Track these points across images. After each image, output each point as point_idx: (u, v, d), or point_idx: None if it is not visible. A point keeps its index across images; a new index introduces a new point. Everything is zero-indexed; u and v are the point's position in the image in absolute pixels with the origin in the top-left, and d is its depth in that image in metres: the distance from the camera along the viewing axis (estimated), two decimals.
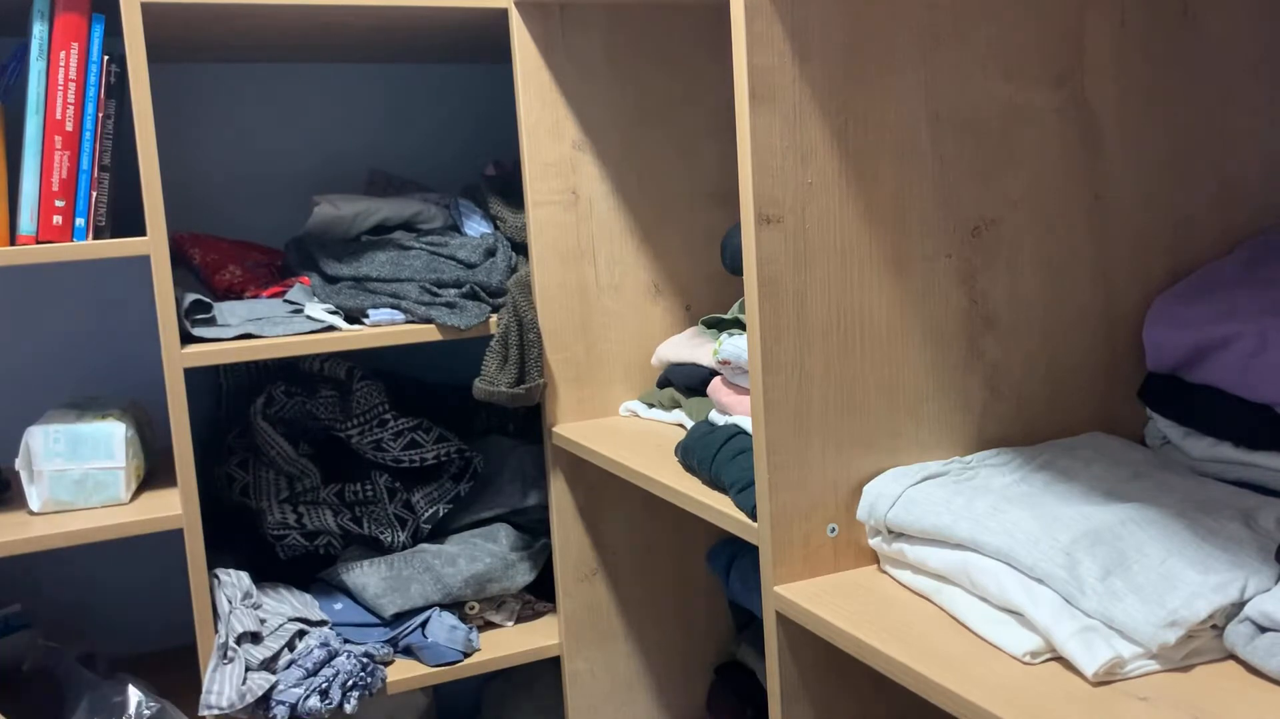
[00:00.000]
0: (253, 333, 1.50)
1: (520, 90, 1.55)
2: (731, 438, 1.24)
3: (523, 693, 1.90)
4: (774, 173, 1.01)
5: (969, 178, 1.10)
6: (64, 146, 1.41)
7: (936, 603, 0.98)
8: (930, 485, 1.03)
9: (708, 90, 1.66)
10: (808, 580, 1.06)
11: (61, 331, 1.80)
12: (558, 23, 1.56)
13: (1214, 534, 0.91)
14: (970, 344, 1.12)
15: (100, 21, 1.42)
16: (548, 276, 1.59)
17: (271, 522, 1.62)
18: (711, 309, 1.68)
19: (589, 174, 1.60)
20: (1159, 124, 1.18)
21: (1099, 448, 1.11)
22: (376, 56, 1.90)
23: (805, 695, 1.08)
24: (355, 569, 1.64)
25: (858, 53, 1.04)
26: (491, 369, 1.55)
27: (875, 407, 1.08)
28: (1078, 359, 1.17)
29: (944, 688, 0.84)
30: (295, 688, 1.46)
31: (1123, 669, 0.82)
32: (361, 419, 1.65)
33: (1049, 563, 0.88)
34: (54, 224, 1.41)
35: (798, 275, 1.03)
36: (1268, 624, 0.81)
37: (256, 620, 1.51)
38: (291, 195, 1.91)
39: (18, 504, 1.52)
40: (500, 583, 1.68)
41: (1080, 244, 1.16)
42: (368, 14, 1.51)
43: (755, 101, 1.00)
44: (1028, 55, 1.11)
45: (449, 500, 1.70)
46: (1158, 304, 1.15)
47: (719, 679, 1.73)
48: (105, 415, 1.51)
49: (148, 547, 1.85)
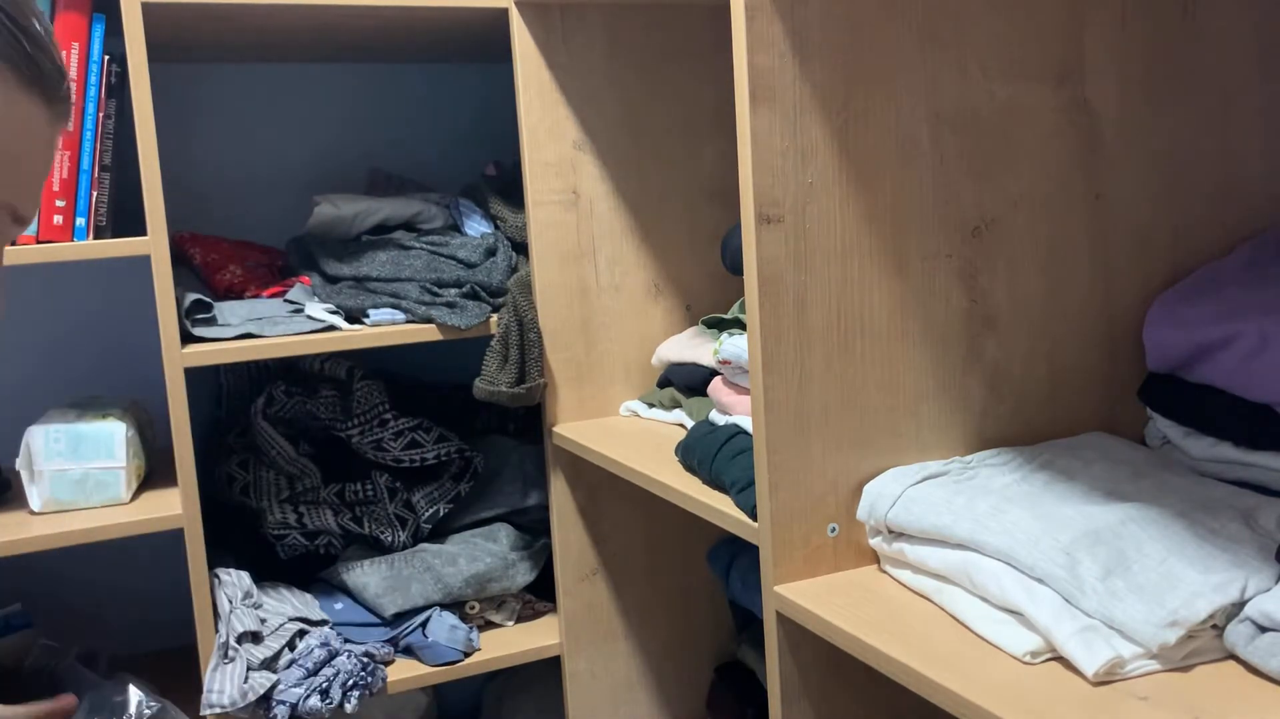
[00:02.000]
0: (253, 332, 1.50)
1: (520, 90, 1.55)
2: (732, 438, 1.24)
3: (523, 693, 1.90)
4: (774, 172, 1.01)
5: (969, 177, 1.10)
6: (65, 146, 1.41)
7: (937, 603, 0.98)
8: (930, 485, 1.03)
9: (708, 90, 1.66)
10: (808, 580, 1.06)
11: (62, 331, 1.80)
12: (558, 22, 1.56)
13: (1214, 534, 0.91)
14: (970, 344, 1.12)
15: (101, 21, 1.42)
16: (548, 276, 1.59)
17: (272, 521, 1.62)
18: (712, 309, 1.68)
19: (589, 174, 1.60)
20: (1159, 124, 1.18)
21: (1099, 448, 1.11)
22: (376, 56, 1.90)
23: (805, 695, 1.08)
24: (356, 569, 1.64)
25: (858, 52, 1.04)
26: (492, 369, 1.55)
27: (875, 406, 1.08)
28: (1078, 359, 1.17)
29: (944, 688, 0.84)
30: (296, 687, 1.46)
31: (1123, 669, 0.82)
32: (362, 419, 1.65)
33: (1049, 563, 0.88)
34: (55, 224, 1.41)
35: (798, 275, 1.03)
36: (1268, 624, 0.81)
37: (257, 620, 1.51)
38: (291, 195, 1.91)
39: (18, 504, 1.52)
40: (500, 583, 1.68)
41: (1080, 244, 1.16)
42: (368, 14, 1.51)
43: (755, 101, 1.00)
44: (1028, 55, 1.11)
45: (449, 500, 1.70)
46: (1158, 304, 1.15)
47: (719, 679, 1.73)
48: (106, 415, 1.51)
49: (148, 546, 1.85)
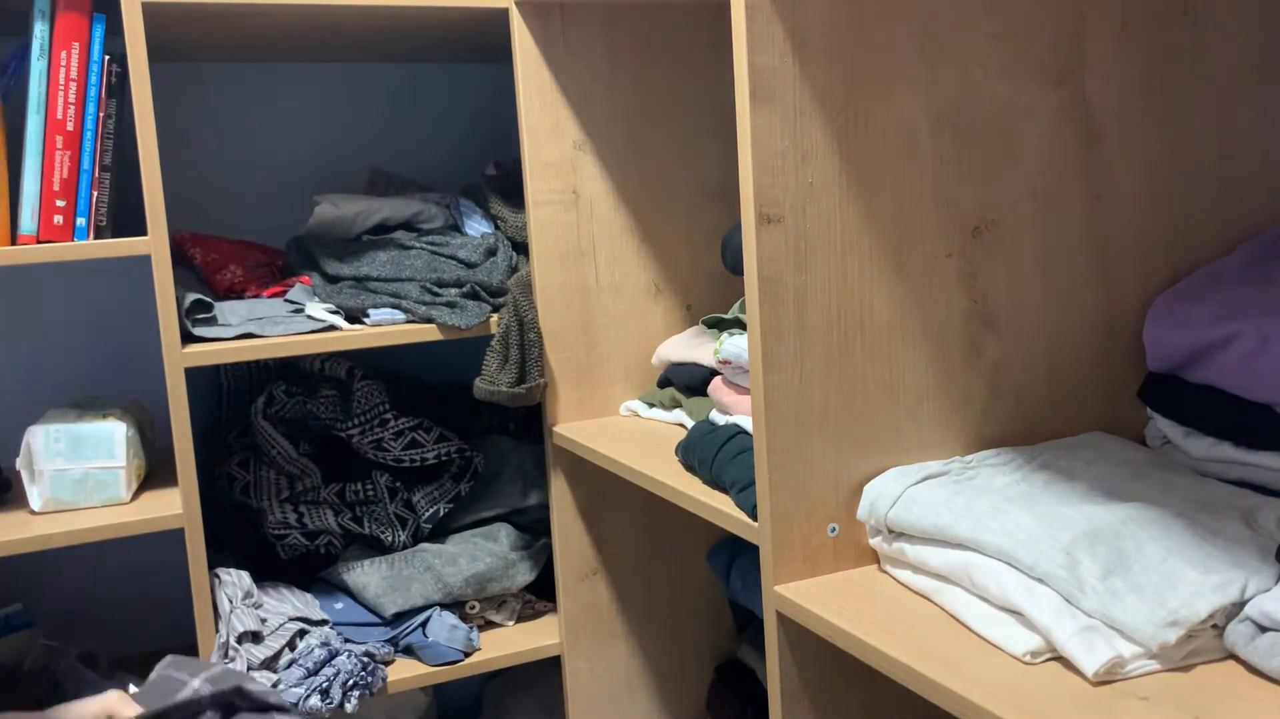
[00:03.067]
0: (254, 332, 1.50)
1: (521, 90, 1.55)
2: (732, 437, 1.24)
3: (523, 692, 1.90)
4: (774, 172, 1.01)
5: (969, 177, 1.10)
6: (65, 146, 1.41)
7: (937, 602, 0.98)
8: (930, 485, 1.03)
9: (708, 89, 1.66)
10: (808, 580, 1.06)
11: (62, 331, 1.80)
12: (558, 22, 1.56)
13: (1214, 534, 0.91)
14: (970, 343, 1.12)
15: (101, 21, 1.42)
16: (548, 276, 1.59)
17: (272, 521, 1.62)
18: (712, 309, 1.68)
19: (589, 174, 1.60)
20: (1159, 124, 1.18)
21: (1099, 447, 1.11)
22: (376, 56, 1.90)
23: (806, 695, 1.08)
24: (356, 569, 1.64)
25: (858, 52, 1.04)
26: (492, 369, 1.55)
27: (876, 406, 1.08)
28: (1078, 358, 1.17)
29: (944, 688, 0.84)
30: (296, 687, 1.46)
31: (1123, 669, 0.82)
32: (362, 419, 1.65)
33: (1049, 562, 0.88)
34: (55, 224, 1.41)
35: (798, 275, 1.03)
36: (1268, 624, 0.81)
37: (257, 620, 1.51)
38: (291, 195, 1.91)
39: (19, 504, 1.52)
40: (501, 582, 1.68)
41: (1080, 244, 1.16)
42: (368, 14, 1.51)
43: (756, 101, 1.00)
44: (1028, 55, 1.11)
45: (449, 500, 1.70)
46: (1158, 304, 1.15)
47: (719, 679, 1.73)
48: (106, 415, 1.51)
49: (148, 546, 1.85)
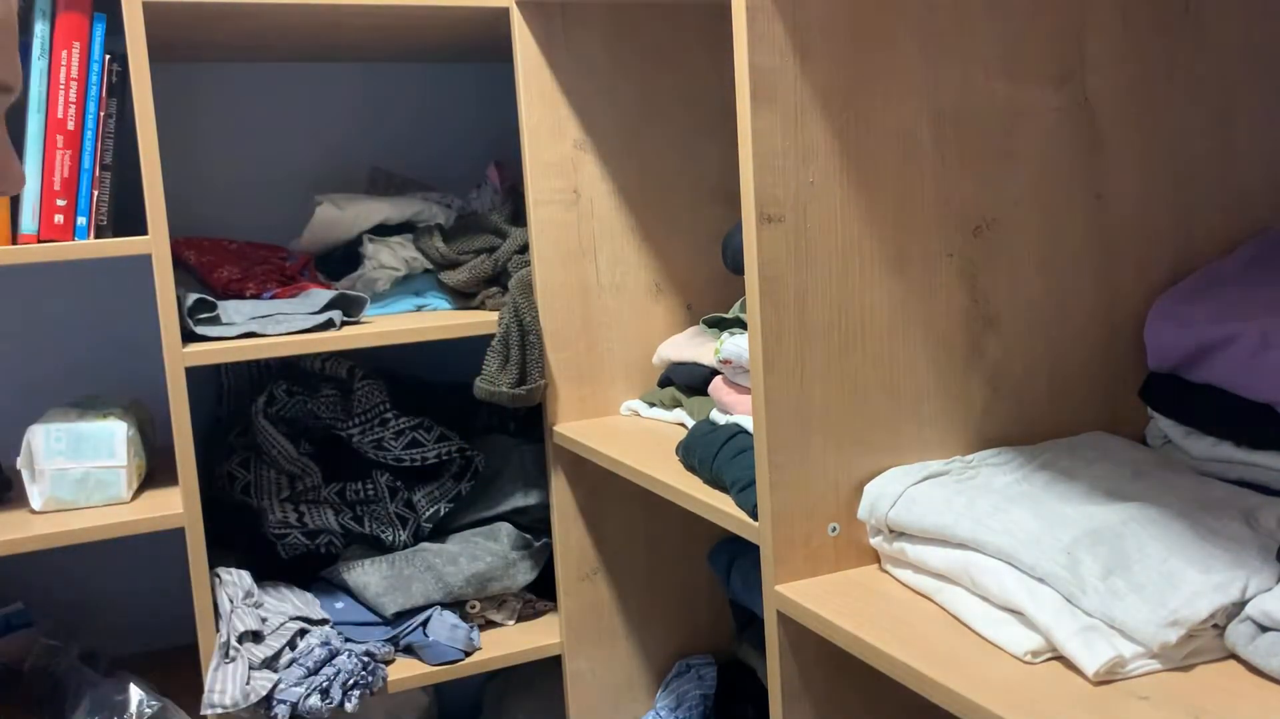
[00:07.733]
0: (255, 331, 1.50)
1: (521, 90, 1.55)
2: (733, 437, 1.24)
3: (523, 692, 1.90)
4: (775, 172, 1.01)
5: (970, 177, 1.10)
6: (65, 145, 1.41)
7: (937, 602, 0.98)
8: (931, 485, 1.03)
9: (709, 89, 1.66)
10: (809, 580, 1.06)
11: (63, 330, 1.80)
12: (559, 22, 1.56)
13: (1215, 534, 0.90)
14: (971, 343, 1.12)
15: (102, 21, 1.42)
16: (549, 276, 1.59)
17: (273, 520, 1.62)
18: (713, 308, 1.68)
19: (590, 173, 1.60)
20: (1160, 123, 1.18)
21: (1100, 447, 1.11)
22: (376, 56, 1.90)
23: (806, 695, 1.08)
24: (356, 568, 1.64)
25: (859, 52, 1.04)
26: (492, 369, 1.55)
27: (876, 405, 1.08)
28: (1079, 358, 1.17)
29: (945, 687, 0.84)
30: (296, 687, 1.46)
31: (1124, 669, 0.82)
32: (363, 418, 1.65)
33: (1050, 562, 0.88)
34: (55, 223, 1.41)
35: (799, 275, 1.03)
36: (1269, 624, 0.81)
37: (258, 619, 1.51)
38: (292, 195, 1.91)
39: (19, 503, 1.52)
40: (501, 582, 1.68)
41: (1081, 243, 1.16)
42: (368, 14, 1.51)
43: (756, 101, 1.00)
44: (1029, 54, 1.11)
45: (450, 499, 1.70)
46: (1159, 303, 1.15)
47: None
48: (106, 414, 1.51)
49: (149, 545, 1.85)
